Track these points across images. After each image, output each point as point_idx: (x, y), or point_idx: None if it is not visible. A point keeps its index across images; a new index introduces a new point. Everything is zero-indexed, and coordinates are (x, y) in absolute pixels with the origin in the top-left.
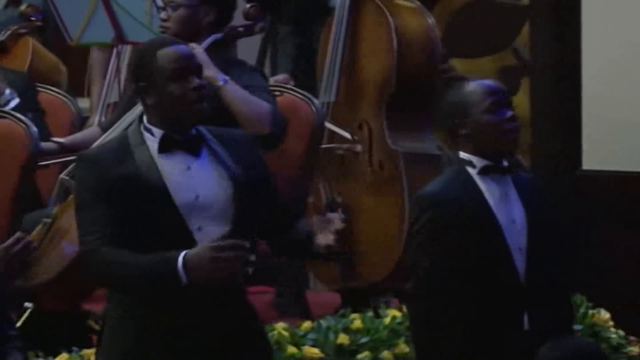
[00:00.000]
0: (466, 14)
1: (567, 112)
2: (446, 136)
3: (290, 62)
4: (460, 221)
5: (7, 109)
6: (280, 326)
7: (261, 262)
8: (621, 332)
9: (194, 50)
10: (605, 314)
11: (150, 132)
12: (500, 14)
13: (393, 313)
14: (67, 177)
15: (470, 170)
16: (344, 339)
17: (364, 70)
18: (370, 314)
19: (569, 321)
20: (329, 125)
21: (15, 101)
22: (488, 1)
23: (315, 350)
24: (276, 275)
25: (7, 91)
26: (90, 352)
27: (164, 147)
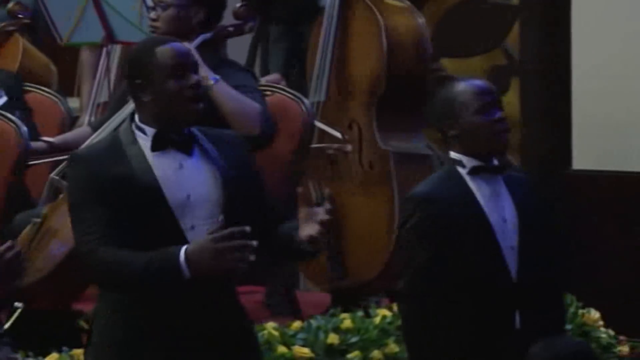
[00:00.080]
0: (456, 14)
1: (557, 112)
2: (436, 136)
3: (282, 62)
4: (451, 221)
5: None
6: (271, 326)
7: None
8: (611, 332)
9: None
10: (595, 314)
11: (142, 131)
12: (491, 13)
13: (383, 313)
14: (57, 176)
15: (460, 170)
16: (334, 338)
17: (353, 69)
18: (360, 313)
19: (560, 320)
20: (319, 124)
21: (3, 100)
22: (478, 1)
23: (306, 350)
24: (266, 275)
25: None
26: (80, 352)
27: (156, 146)
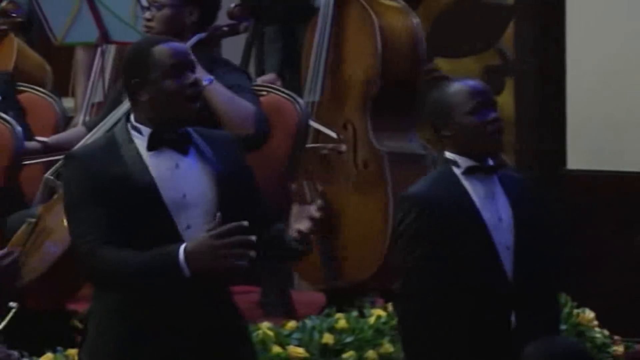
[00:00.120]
0: (451, 14)
1: (551, 112)
2: (431, 136)
3: (277, 62)
4: (447, 220)
5: None
6: (265, 326)
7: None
8: (606, 332)
9: None
10: (589, 314)
11: (138, 131)
12: (485, 13)
13: (378, 313)
14: (52, 176)
15: (455, 170)
16: (328, 338)
17: (348, 69)
18: (355, 313)
19: (556, 320)
20: (314, 124)
21: None
22: (472, 1)
23: (300, 350)
24: (261, 275)
25: None
26: (74, 352)
27: (152, 145)
